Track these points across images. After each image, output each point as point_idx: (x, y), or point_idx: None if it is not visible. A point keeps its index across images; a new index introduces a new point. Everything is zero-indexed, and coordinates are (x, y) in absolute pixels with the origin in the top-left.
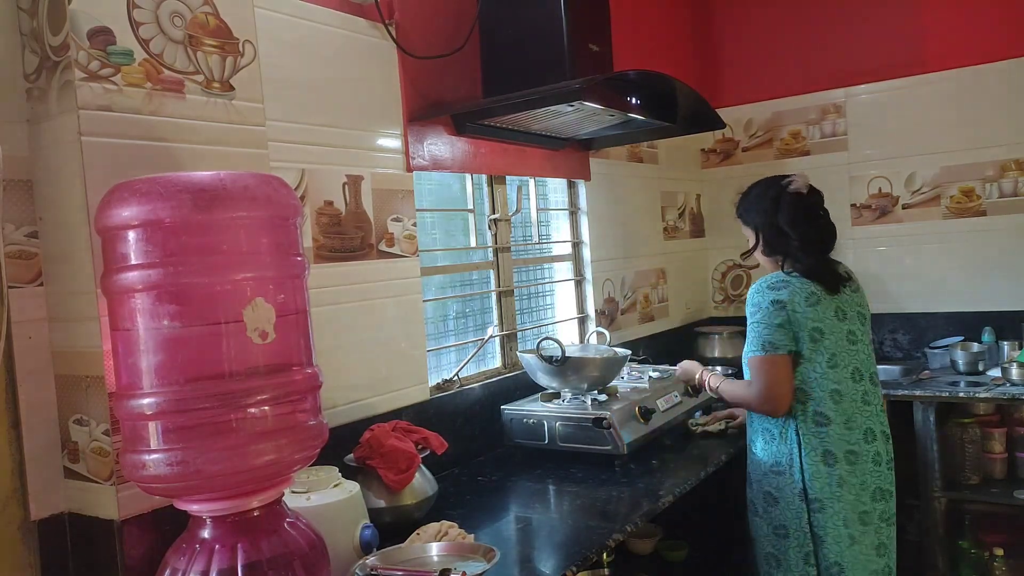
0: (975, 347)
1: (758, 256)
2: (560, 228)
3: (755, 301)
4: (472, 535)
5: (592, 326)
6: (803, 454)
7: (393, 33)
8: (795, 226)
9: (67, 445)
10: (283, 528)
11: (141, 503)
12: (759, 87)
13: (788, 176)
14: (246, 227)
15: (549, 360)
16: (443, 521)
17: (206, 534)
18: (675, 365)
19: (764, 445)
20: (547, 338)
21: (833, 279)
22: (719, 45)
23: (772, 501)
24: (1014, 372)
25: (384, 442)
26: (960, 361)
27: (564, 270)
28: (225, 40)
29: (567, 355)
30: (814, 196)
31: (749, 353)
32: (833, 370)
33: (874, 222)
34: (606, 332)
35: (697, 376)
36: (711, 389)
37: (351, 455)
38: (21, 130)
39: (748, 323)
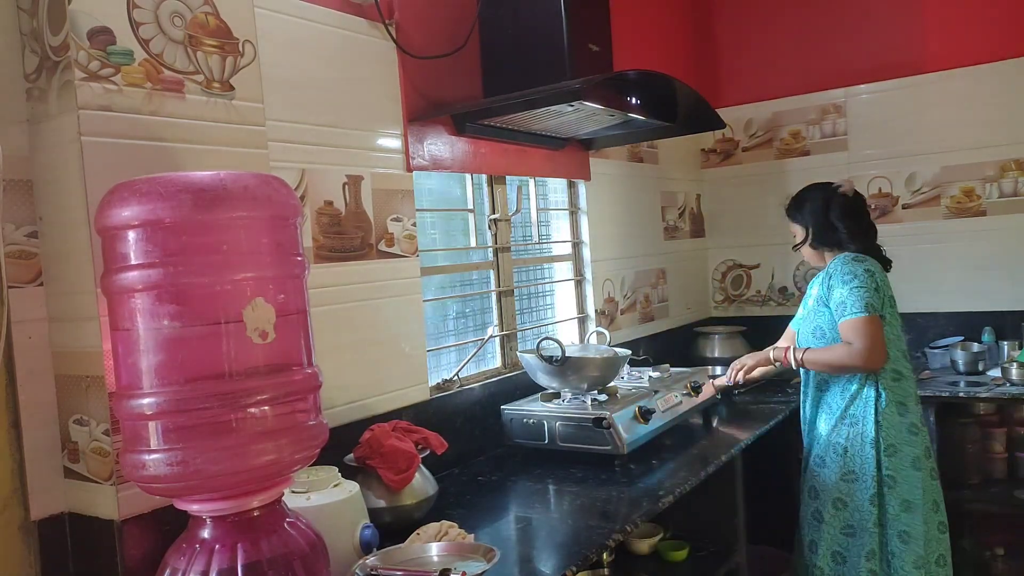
0: (975, 347)
1: (805, 250)
2: (560, 228)
3: (848, 271)
4: (472, 535)
5: (592, 326)
6: (881, 405)
7: (393, 33)
8: (844, 220)
9: (67, 445)
10: (283, 528)
11: (141, 503)
12: (759, 87)
13: (836, 182)
14: (246, 227)
15: (549, 360)
16: (443, 521)
17: (206, 534)
18: (676, 366)
19: (841, 400)
20: (547, 338)
21: (883, 261)
22: (719, 45)
23: (842, 451)
24: (1014, 372)
25: (384, 442)
26: (960, 361)
27: (564, 270)
28: (225, 40)
29: (567, 355)
30: (859, 198)
31: (851, 315)
32: (905, 335)
33: (875, 222)
34: (606, 332)
35: (771, 355)
36: (796, 361)
37: (351, 455)
38: (21, 130)
39: (841, 291)
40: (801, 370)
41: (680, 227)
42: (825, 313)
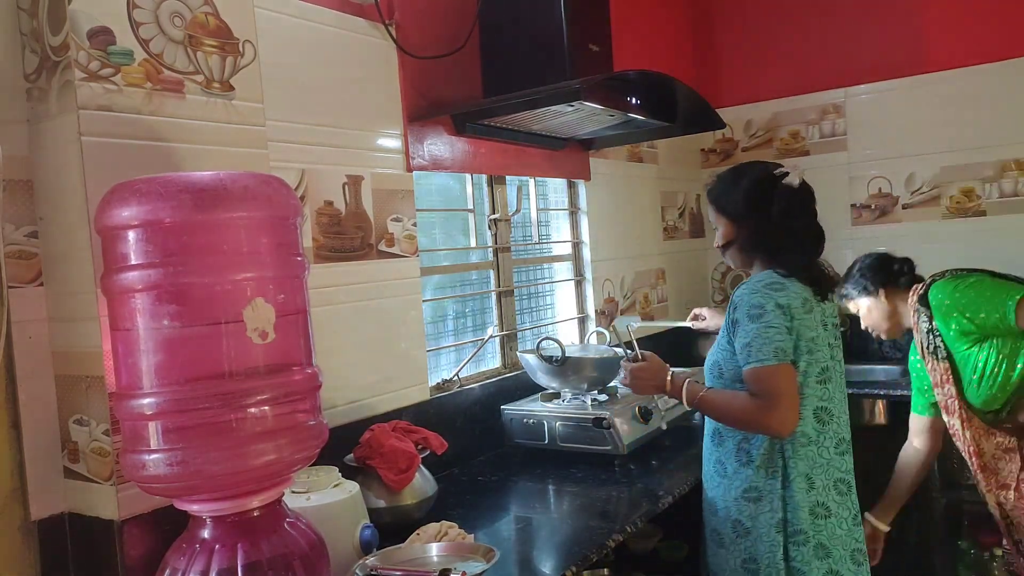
0: None
1: (732, 253)
2: (560, 228)
3: (755, 303)
4: (472, 535)
5: (592, 326)
6: (788, 479)
7: (393, 33)
8: (790, 221)
9: (67, 445)
10: (283, 528)
11: (141, 503)
12: (759, 87)
13: (780, 165)
14: (246, 227)
15: (549, 360)
16: (443, 521)
17: (206, 534)
18: (675, 366)
19: (738, 467)
20: (547, 338)
21: (825, 284)
22: (719, 45)
23: (744, 532)
24: None
25: (384, 442)
26: None
27: (564, 270)
28: (225, 40)
29: (567, 355)
30: (807, 191)
31: (756, 362)
32: (822, 385)
33: (874, 222)
34: (606, 332)
35: (667, 379)
36: (690, 396)
37: (351, 455)
38: (21, 130)
39: (744, 328)
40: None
41: (680, 227)
42: (727, 350)
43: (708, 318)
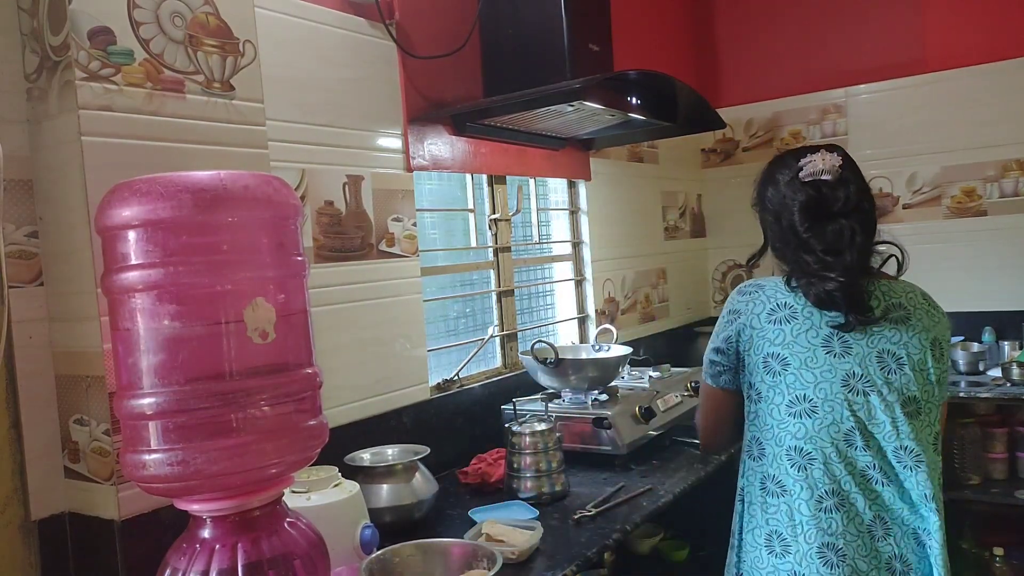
0: (975, 347)
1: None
2: (560, 228)
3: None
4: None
5: (592, 326)
6: (743, 532)
7: (393, 33)
8: (780, 216)
9: (67, 445)
10: (283, 528)
11: (141, 503)
12: (759, 87)
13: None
14: (246, 227)
15: (543, 362)
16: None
17: (206, 534)
18: (676, 366)
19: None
20: (540, 341)
21: (859, 307)
22: (719, 45)
23: None
24: (1014, 372)
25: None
26: (960, 361)
27: (564, 270)
28: (225, 40)
29: (560, 356)
30: (813, 178)
31: None
32: (796, 419)
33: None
34: (613, 330)
35: None
36: None
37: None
38: (21, 130)
39: None
40: None
41: (680, 227)
42: None
43: None
